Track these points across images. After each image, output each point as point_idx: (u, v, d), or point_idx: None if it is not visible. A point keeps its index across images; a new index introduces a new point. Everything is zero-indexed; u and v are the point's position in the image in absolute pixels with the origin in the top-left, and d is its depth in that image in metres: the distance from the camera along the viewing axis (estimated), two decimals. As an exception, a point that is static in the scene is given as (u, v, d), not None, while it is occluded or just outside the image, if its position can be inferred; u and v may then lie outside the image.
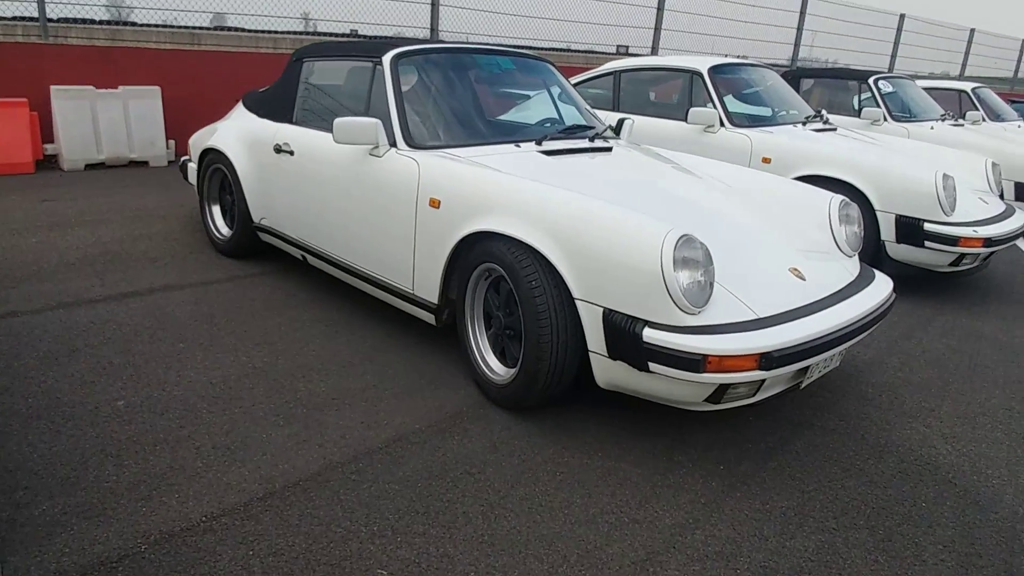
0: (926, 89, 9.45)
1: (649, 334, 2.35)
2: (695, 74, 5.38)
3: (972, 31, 18.24)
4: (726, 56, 13.34)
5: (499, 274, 2.82)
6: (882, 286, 3.06)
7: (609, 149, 3.61)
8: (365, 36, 9.24)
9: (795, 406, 3.07)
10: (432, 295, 3.12)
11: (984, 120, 8.83)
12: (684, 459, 2.63)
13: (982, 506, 2.46)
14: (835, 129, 5.54)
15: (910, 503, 2.45)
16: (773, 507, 2.38)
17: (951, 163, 5.32)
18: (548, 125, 3.70)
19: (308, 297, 4.03)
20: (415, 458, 2.53)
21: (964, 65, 18.36)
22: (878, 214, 4.48)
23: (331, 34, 9.18)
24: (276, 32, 8.78)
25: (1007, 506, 2.47)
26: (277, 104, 4.17)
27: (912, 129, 7.06)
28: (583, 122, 3.85)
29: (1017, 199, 6.61)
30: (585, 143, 3.58)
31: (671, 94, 5.77)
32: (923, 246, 4.37)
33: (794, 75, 8.10)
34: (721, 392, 2.41)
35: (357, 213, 3.43)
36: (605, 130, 3.88)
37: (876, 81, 7.40)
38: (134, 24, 7.94)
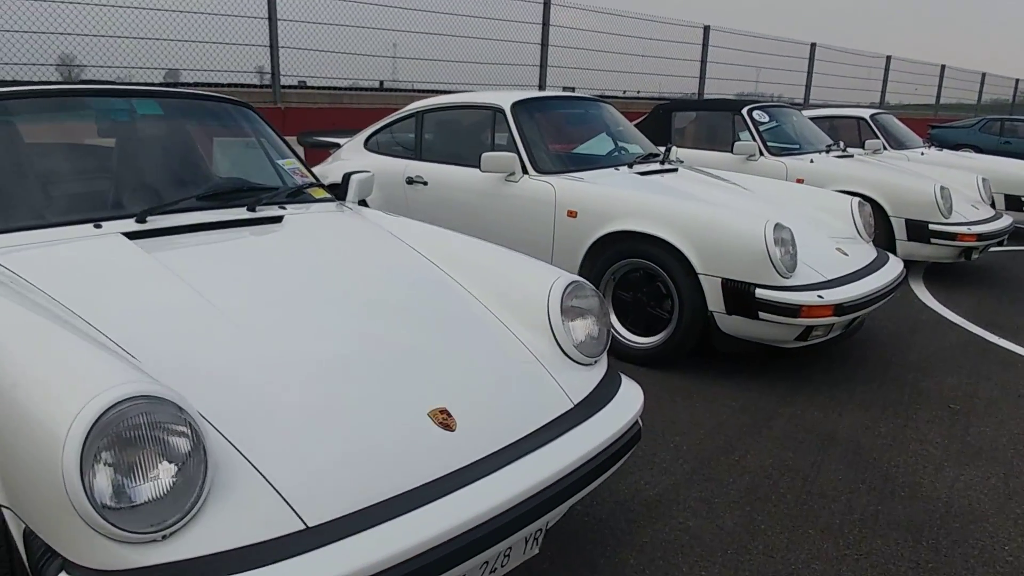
0: (823, 118, 8.68)
1: (64, 594, 1.26)
2: (498, 111, 4.39)
3: (888, 58, 17.89)
4: (624, 92, 12.64)
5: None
6: (620, 410, 2.03)
7: (279, 219, 2.57)
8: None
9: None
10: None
11: (885, 148, 8.06)
12: None
13: None
14: (676, 170, 4.59)
15: None
16: None
17: (810, 206, 4.39)
18: (188, 189, 2.63)
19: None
20: None
21: (883, 92, 17.97)
22: (701, 279, 3.49)
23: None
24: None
25: None
26: None
27: (790, 163, 6.17)
28: (262, 182, 2.81)
29: (911, 239, 5.71)
30: (242, 214, 2.53)
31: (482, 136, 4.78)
32: (757, 318, 3.38)
33: (667, 109, 7.23)
34: None
35: None
36: (298, 192, 2.83)
37: (751, 112, 6.54)
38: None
